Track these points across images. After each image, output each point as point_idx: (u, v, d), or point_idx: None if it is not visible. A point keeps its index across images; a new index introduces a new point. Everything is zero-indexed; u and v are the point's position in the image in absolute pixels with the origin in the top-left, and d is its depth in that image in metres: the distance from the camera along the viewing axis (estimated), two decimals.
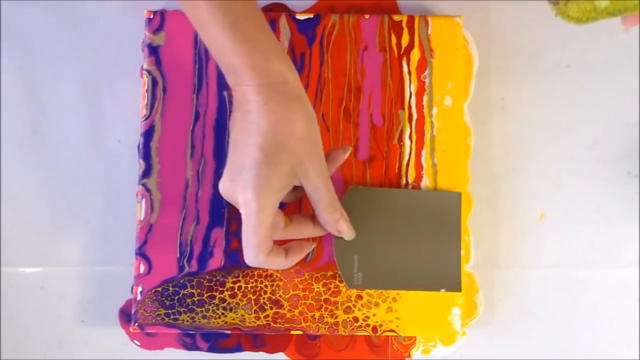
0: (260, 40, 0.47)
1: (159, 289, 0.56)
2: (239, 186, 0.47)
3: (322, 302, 0.56)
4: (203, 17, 0.46)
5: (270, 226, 0.48)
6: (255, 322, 0.56)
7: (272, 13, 0.59)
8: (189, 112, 0.58)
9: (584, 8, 0.45)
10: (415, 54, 0.59)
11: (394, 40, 0.59)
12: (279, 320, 0.56)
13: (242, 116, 0.48)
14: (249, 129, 0.47)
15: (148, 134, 0.57)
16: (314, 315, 0.56)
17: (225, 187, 0.49)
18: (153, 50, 0.58)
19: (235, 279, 0.56)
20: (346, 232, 0.53)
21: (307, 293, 0.56)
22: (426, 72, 0.58)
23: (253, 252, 0.48)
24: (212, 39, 0.47)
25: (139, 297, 0.56)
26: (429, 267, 0.56)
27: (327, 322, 0.56)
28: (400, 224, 0.56)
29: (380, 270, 0.56)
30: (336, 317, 0.56)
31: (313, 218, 0.53)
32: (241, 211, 0.48)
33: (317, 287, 0.56)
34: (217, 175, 0.57)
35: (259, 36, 0.47)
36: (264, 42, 0.47)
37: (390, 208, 0.57)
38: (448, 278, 0.56)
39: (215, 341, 0.58)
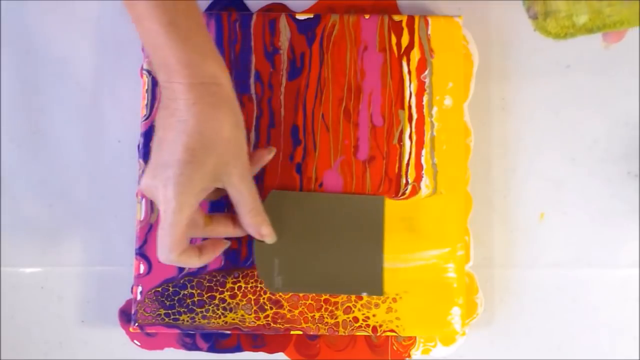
0: (197, 40, 0.47)
1: (159, 289, 0.56)
2: (161, 184, 0.47)
3: (322, 303, 0.56)
4: (142, 13, 0.46)
5: (186, 227, 0.48)
6: (255, 322, 0.56)
7: (272, 13, 0.59)
8: None
9: (562, 24, 0.45)
10: (415, 54, 0.59)
11: (394, 40, 0.59)
12: (279, 321, 0.56)
13: (170, 114, 0.47)
14: (176, 127, 0.47)
15: (148, 134, 0.57)
16: (314, 315, 0.56)
17: (147, 184, 0.48)
18: None
19: (235, 280, 0.56)
20: (268, 235, 0.54)
21: (307, 293, 0.56)
22: (426, 72, 0.58)
23: (166, 250, 0.48)
24: (148, 35, 0.47)
25: (139, 297, 0.56)
26: (351, 271, 0.56)
27: (327, 322, 0.56)
28: (322, 228, 0.56)
29: (301, 274, 0.56)
30: (336, 318, 0.56)
31: (233, 219, 0.53)
32: (160, 208, 0.48)
33: None
34: None
35: (196, 36, 0.47)
36: (200, 43, 0.47)
37: (312, 212, 0.57)
38: (370, 282, 0.56)
39: (215, 341, 0.58)
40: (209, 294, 0.56)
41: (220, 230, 0.53)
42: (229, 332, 0.57)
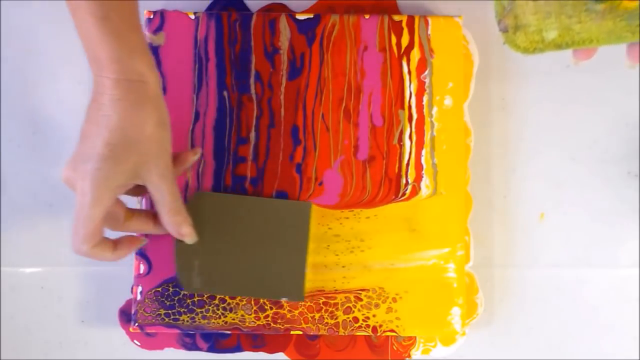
0: (128, 37, 0.47)
1: (159, 289, 0.56)
2: (79, 176, 0.47)
3: (321, 305, 0.56)
4: (78, 5, 0.47)
5: (101, 220, 0.48)
6: (255, 322, 0.56)
7: (272, 13, 0.59)
8: (189, 112, 0.58)
9: (531, 38, 0.45)
10: (415, 54, 0.59)
11: (394, 40, 0.59)
12: (279, 321, 0.56)
13: (97, 108, 0.48)
14: (100, 121, 0.47)
15: None
16: (314, 316, 0.56)
17: (67, 175, 0.48)
18: (153, 50, 0.58)
19: None
20: (188, 235, 0.54)
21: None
22: (426, 72, 0.58)
23: (79, 241, 0.48)
24: (83, 27, 0.47)
25: (139, 297, 0.56)
26: (273, 275, 0.56)
27: (327, 322, 0.56)
28: (246, 231, 0.56)
29: (222, 276, 0.56)
30: (336, 318, 0.56)
31: (154, 216, 0.53)
32: (77, 200, 0.48)
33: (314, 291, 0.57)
34: (217, 175, 0.57)
35: (127, 33, 0.47)
36: (131, 40, 0.48)
37: (237, 215, 0.56)
38: (291, 287, 0.56)
39: (215, 341, 0.58)
40: (209, 294, 0.56)
41: (139, 227, 0.53)
42: (229, 332, 0.57)
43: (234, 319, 0.56)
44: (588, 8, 0.44)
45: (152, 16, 0.58)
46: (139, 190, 0.52)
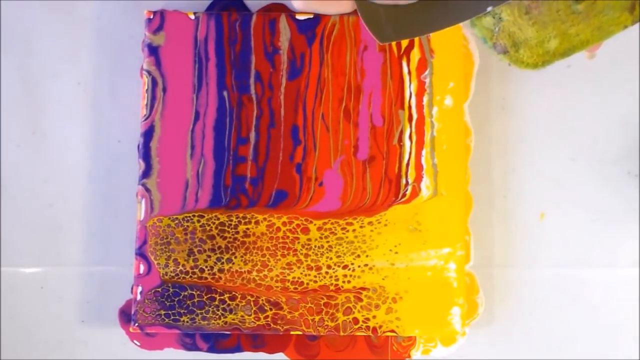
0: None
1: (159, 289, 0.56)
2: None
3: (322, 306, 0.56)
4: None
5: None
6: (255, 323, 0.56)
7: (272, 13, 0.59)
8: (189, 112, 0.58)
9: (536, 52, 0.45)
10: (415, 54, 0.59)
11: None
12: (279, 322, 0.56)
13: None
14: None
15: (148, 134, 0.57)
16: (314, 318, 0.56)
17: None
18: (153, 50, 0.58)
19: None
20: None
21: (306, 297, 0.56)
22: (426, 72, 0.58)
23: None
24: None
25: (139, 297, 0.56)
26: None
27: (327, 325, 0.56)
28: None
29: (411, 13, 0.49)
30: (336, 320, 0.56)
31: None
32: None
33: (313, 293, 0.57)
34: (217, 175, 0.57)
35: None
36: None
37: None
38: None
39: (215, 341, 0.58)
40: (209, 295, 0.56)
41: None
42: (229, 332, 0.57)
43: (233, 320, 0.56)
44: (574, 11, 0.44)
45: (152, 16, 0.58)
46: None
